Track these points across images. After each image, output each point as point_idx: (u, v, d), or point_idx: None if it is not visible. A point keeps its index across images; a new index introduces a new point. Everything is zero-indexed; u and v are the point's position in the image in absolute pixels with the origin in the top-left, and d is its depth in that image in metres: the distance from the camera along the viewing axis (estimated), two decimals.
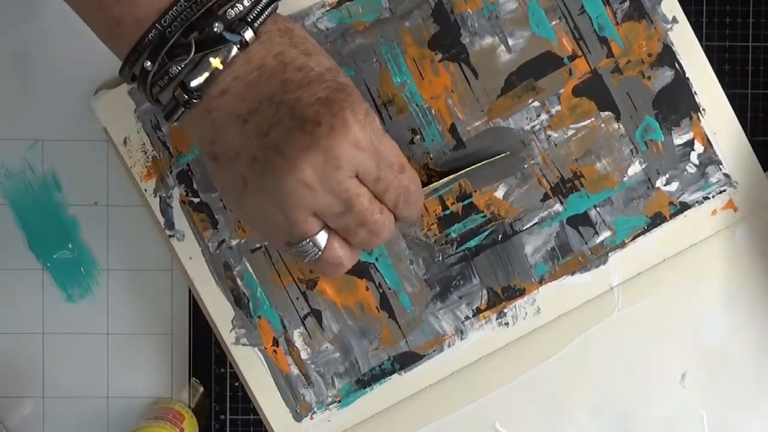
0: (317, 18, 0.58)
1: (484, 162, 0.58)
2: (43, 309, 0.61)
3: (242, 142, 0.45)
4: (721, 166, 0.60)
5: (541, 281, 0.59)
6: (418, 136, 0.58)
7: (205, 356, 0.61)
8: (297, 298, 0.59)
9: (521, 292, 0.59)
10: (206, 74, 0.45)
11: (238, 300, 0.58)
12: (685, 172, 0.60)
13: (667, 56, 0.59)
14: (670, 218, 0.60)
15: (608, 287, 0.60)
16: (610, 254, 0.59)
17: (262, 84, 0.45)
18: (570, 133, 0.59)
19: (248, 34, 0.45)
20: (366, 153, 0.45)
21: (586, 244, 0.59)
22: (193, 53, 0.44)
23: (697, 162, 0.60)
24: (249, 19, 0.45)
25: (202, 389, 0.61)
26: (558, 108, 0.59)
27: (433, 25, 0.58)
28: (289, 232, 0.46)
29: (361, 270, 0.59)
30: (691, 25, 0.59)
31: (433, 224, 0.59)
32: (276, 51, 0.46)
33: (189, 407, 0.61)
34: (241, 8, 0.45)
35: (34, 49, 0.60)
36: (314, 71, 0.45)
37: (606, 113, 0.59)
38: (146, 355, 0.61)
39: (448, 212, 0.59)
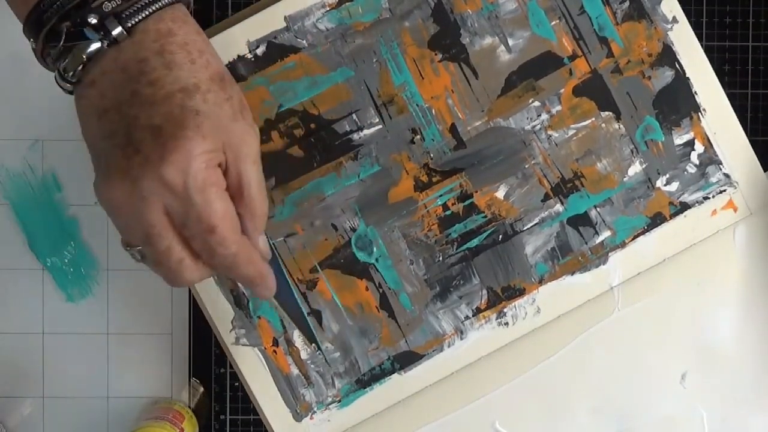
0: (317, 18, 0.57)
1: None
2: (43, 309, 0.61)
3: (92, 137, 0.45)
4: (721, 166, 0.60)
5: (541, 281, 0.59)
6: (418, 136, 0.58)
7: (205, 356, 0.61)
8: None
9: (521, 292, 0.59)
10: (73, 63, 0.44)
11: (237, 300, 0.58)
12: (686, 172, 0.60)
13: (667, 56, 0.59)
14: (670, 218, 0.60)
15: (608, 287, 0.60)
16: (610, 254, 0.59)
17: (119, 88, 0.44)
18: (570, 133, 0.59)
19: (117, 31, 0.44)
20: (175, 196, 0.43)
21: (586, 244, 0.59)
22: (62, 42, 0.44)
23: (697, 162, 0.60)
24: (124, 15, 0.44)
25: (202, 389, 0.61)
26: (558, 108, 0.59)
27: (433, 26, 0.58)
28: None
29: (361, 270, 0.59)
30: (691, 25, 0.59)
31: (433, 225, 0.59)
32: (141, 56, 0.44)
33: (189, 407, 0.61)
34: (118, 2, 0.44)
35: None
36: (164, 90, 0.43)
37: (606, 113, 0.59)
38: (146, 355, 0.61)
39: (449, 213, 0.59)
